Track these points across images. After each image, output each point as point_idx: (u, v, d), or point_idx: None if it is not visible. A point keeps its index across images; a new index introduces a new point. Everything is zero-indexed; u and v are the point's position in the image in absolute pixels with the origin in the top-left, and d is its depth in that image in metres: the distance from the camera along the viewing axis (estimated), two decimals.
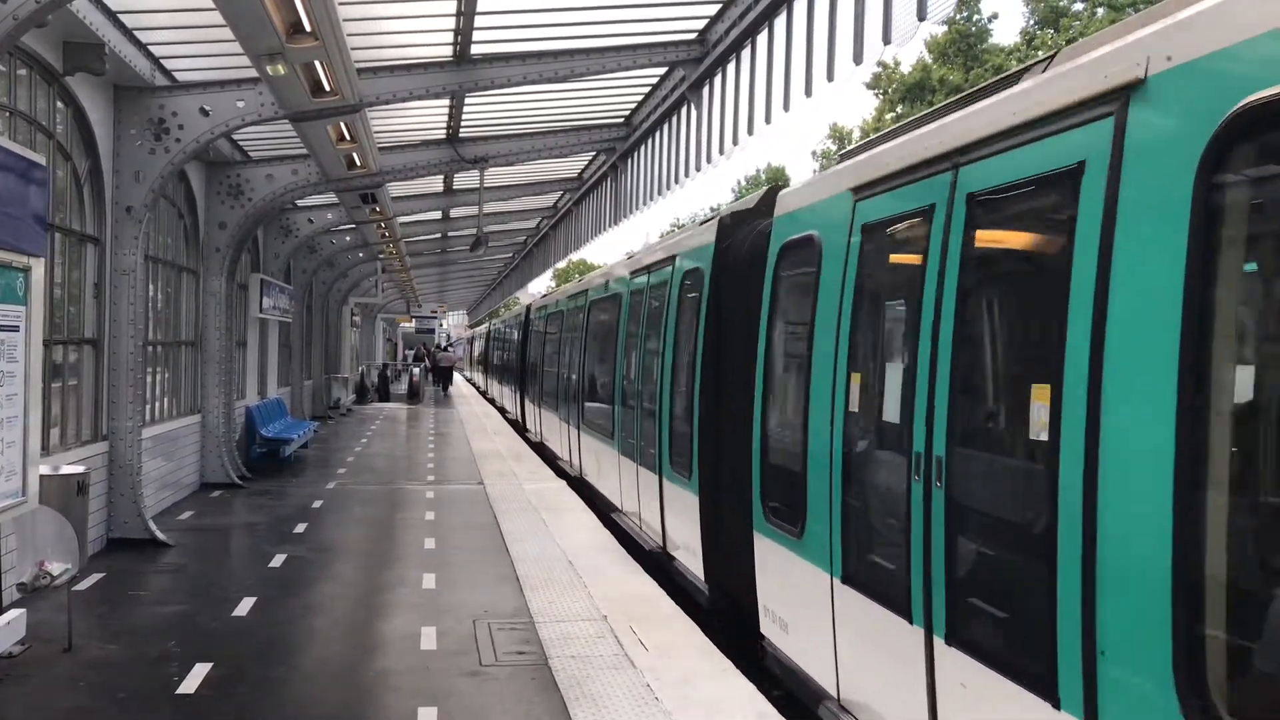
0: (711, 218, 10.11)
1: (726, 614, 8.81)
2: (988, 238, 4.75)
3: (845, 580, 5.88)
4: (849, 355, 5.94)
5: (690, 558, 9.66)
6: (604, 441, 13.94)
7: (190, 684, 6.97)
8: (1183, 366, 3.29)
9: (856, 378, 5.88)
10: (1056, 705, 3.82)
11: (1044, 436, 4.00)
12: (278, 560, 10.86)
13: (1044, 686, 3.89)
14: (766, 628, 7.37)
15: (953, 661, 4.56)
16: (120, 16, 10.63)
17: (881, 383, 5.72)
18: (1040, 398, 4.06)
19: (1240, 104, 3.13)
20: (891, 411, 5.42)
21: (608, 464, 13.68)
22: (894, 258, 5.84)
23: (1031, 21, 41.09)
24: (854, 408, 5.87)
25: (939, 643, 4.73)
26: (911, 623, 4.99)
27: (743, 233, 8.83)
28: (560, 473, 17.78)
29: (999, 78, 5.24)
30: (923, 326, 4.98)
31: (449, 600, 9.25)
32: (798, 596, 6.69)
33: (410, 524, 13.14)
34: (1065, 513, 3.80)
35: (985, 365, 4.84)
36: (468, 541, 11.95)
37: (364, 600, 9.40)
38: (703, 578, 9.28)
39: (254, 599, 9.19)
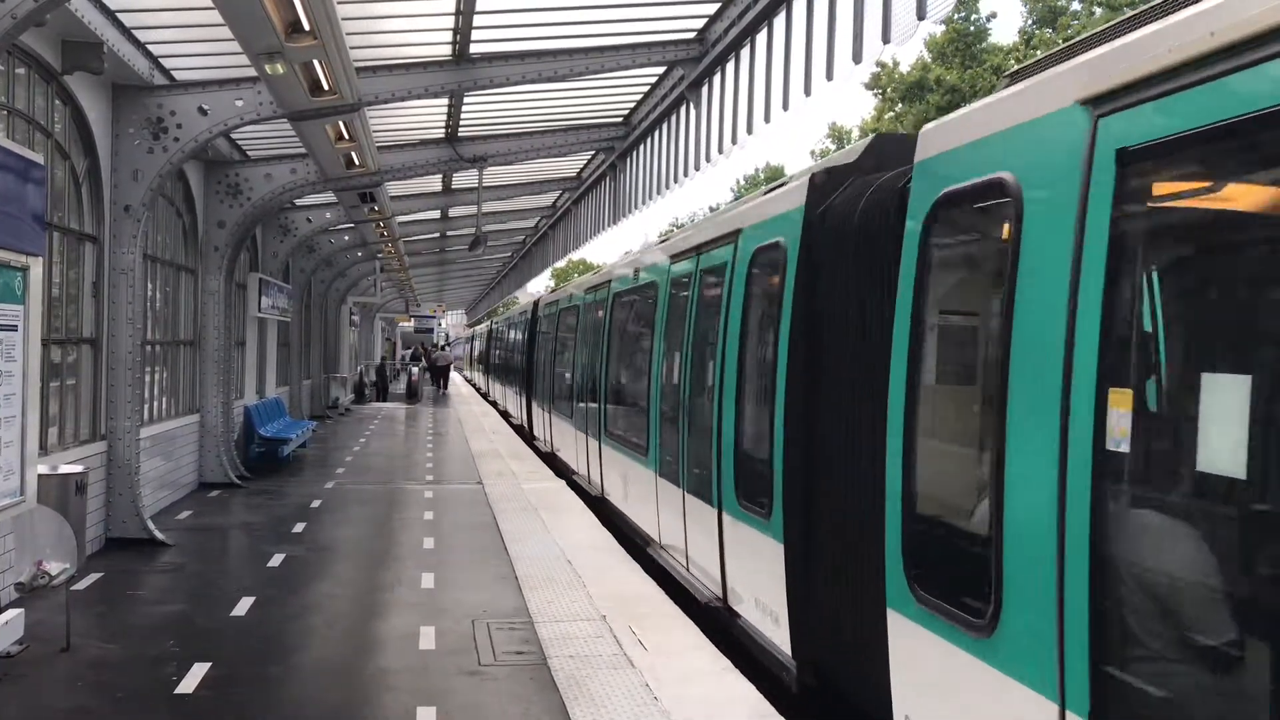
0: (787, 180, 8.05)
1: (821, 696, 6.86)
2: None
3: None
4: (1098, 359, 3.66)
5: (768, 621, 7.38)
6: (636, 459, 11.72)
7: (189, 684, 6.96)
8: None
9: (1118, 396, 3.60)
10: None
11: None
12: (276, 560, 10.85)
13: None
14: None
15: None
16: (119, 15, 10.62)
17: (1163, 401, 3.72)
18: None
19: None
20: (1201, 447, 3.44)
21: (641, 486, 11.42)
22: (1195, 202, 3.79)
23: (1030, 21, 41.10)
24: (1113, 443, 3.60)
25: None
26: None
27: (847, 193, 6.63)
28: (575, 487, 16.04)
29: None
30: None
31: (448, 600, 9.25)
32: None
33: (409, 524, 13.13)
34: None
35: None
36: (466, 541, 11.94)
37: (362, 600, 9.39)
38: (789, 651, 6.97)
39: (252, 599, 9.19)
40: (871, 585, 5.34)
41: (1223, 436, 3.26)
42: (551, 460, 19.82)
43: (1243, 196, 3.53)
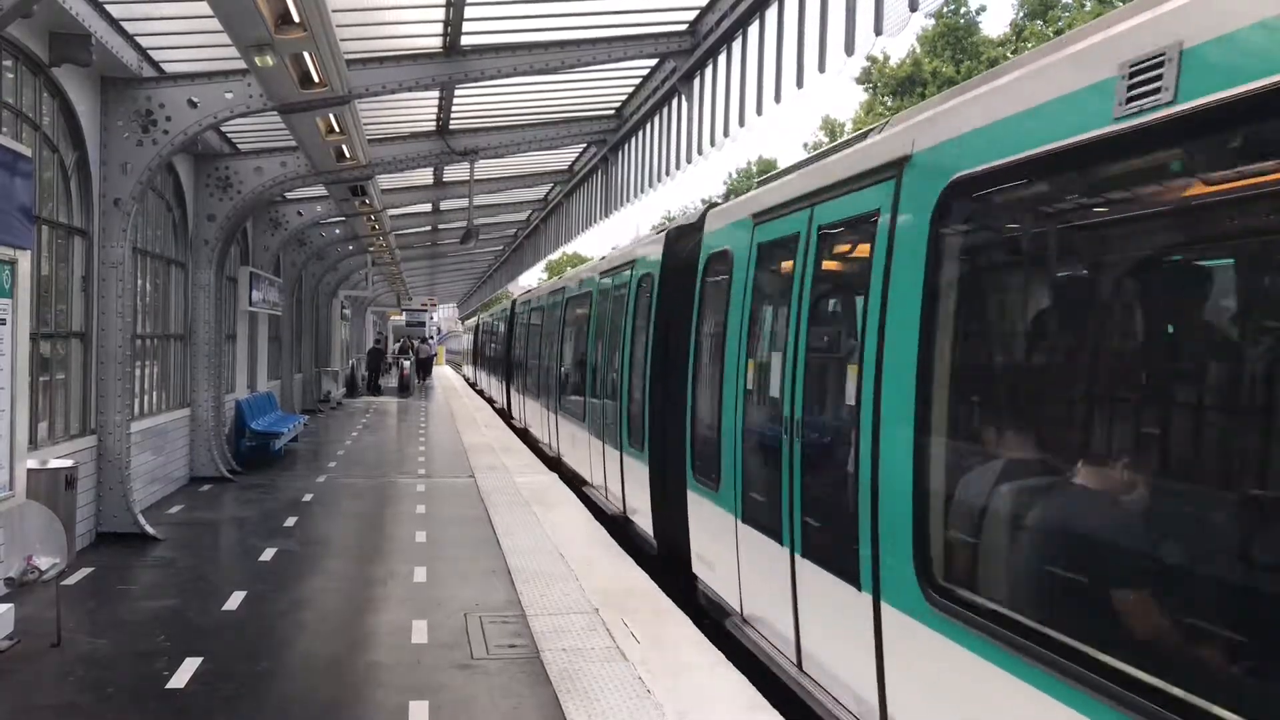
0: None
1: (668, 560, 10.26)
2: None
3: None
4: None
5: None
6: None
7: (180, 678, 6.94)
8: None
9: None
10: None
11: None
12: (268, 554, 10.82)
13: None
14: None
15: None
16: (107, 7, 10.56)
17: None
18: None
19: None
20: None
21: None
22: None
23: (1021, 14, 41.13)
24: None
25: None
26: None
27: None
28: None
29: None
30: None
31: (440, 593, 9.23)
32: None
33: (401, 517, 13.11)
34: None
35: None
36: (459, 534, 11.93)
37: (354, 594, 9.38)
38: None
39: (244, 593, 9.16)
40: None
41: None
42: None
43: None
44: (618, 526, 12.39)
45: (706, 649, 7.52)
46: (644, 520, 11.28)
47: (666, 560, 10.35)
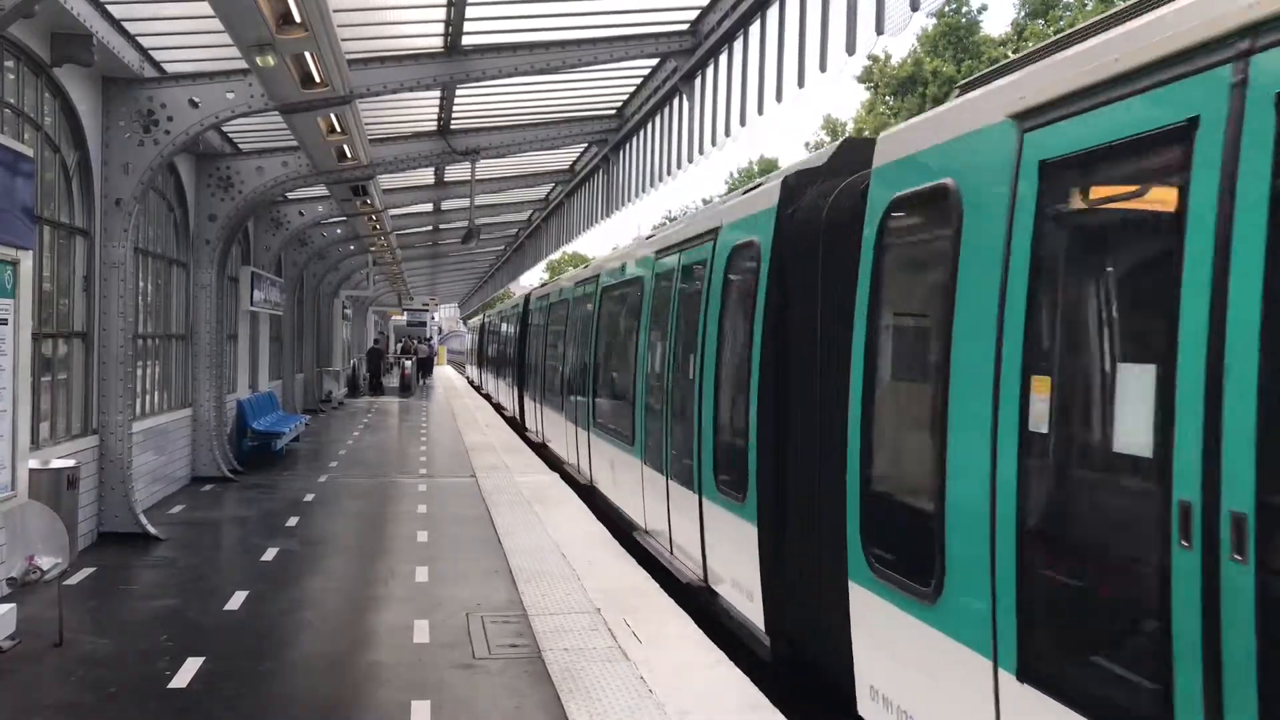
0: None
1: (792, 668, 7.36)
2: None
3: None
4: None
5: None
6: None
7: (182, 678, 6.95)
8: None
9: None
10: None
11: None
12: (269, 554, 10.83)
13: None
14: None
15: None
16: (108, 7, 10.56)
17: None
18: None
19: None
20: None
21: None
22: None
23: (1022, 13, 41.11)
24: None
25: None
26: None
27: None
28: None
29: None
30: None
31: (441, 593, 9.23)
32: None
33: (402, 517, 13.12)
34: None
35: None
36: (460, 534, 11.93)
37: (356, 593, 9.38)
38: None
39: (246, 593, 9.17)
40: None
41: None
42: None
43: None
44: (693, 594, 9.04)
45: (708, 648, 7.51)
46: (744, 600, 7.83)
47: (790, 664, 7.30)
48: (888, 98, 43.18)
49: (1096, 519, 4.06)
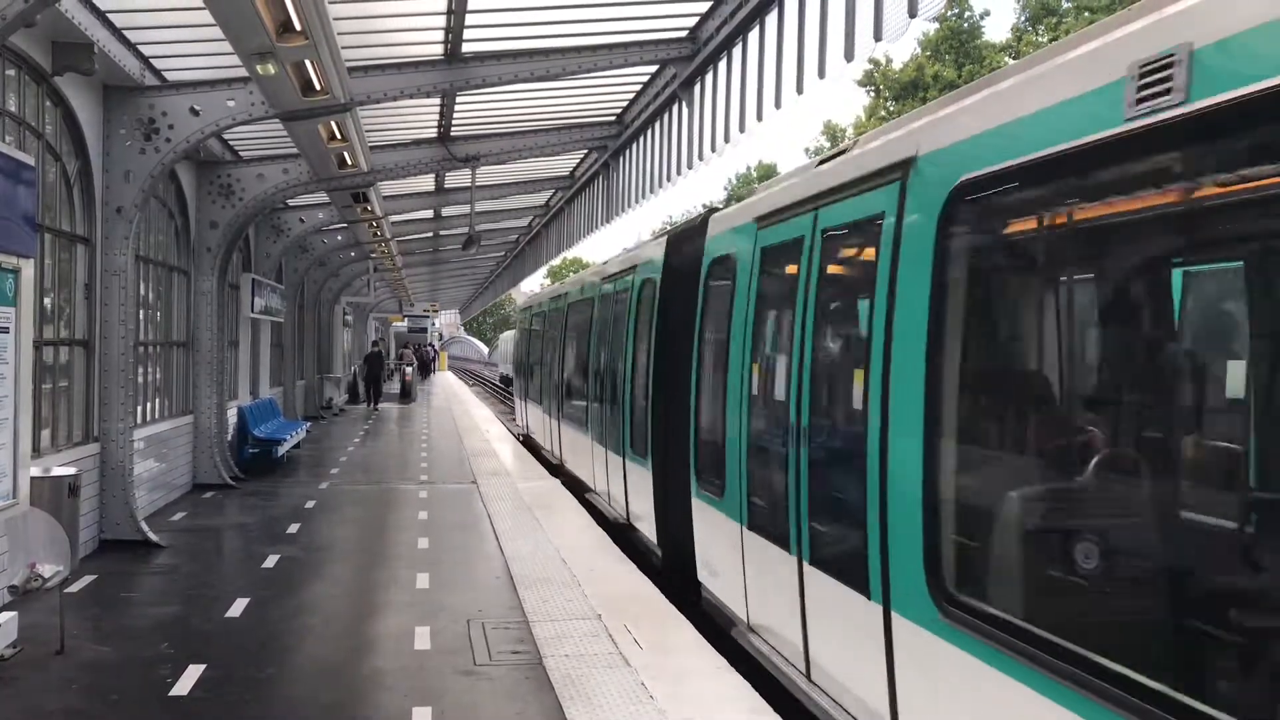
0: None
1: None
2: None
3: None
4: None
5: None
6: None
7: (183, 685, 6.95)
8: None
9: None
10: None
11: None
12: (271, 561, 10.83)
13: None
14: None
15: None
16: (109, 16, 10.59)
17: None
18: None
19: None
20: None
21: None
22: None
23: (1023, 18, 41.19)
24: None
25: None
26: None
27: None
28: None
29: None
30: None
31: (443, 600, 9.24)
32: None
33: (403, 524, 13.12)
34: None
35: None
36: (461, 541, 11.94)
37: (357, 600, 9.39)
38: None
39: (247, 600, 9.17)
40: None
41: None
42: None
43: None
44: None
45: (710, 655, 7.52)
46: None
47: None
48: (889, 102, 43.24)
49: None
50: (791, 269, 6.91)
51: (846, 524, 5.99)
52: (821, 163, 7.04)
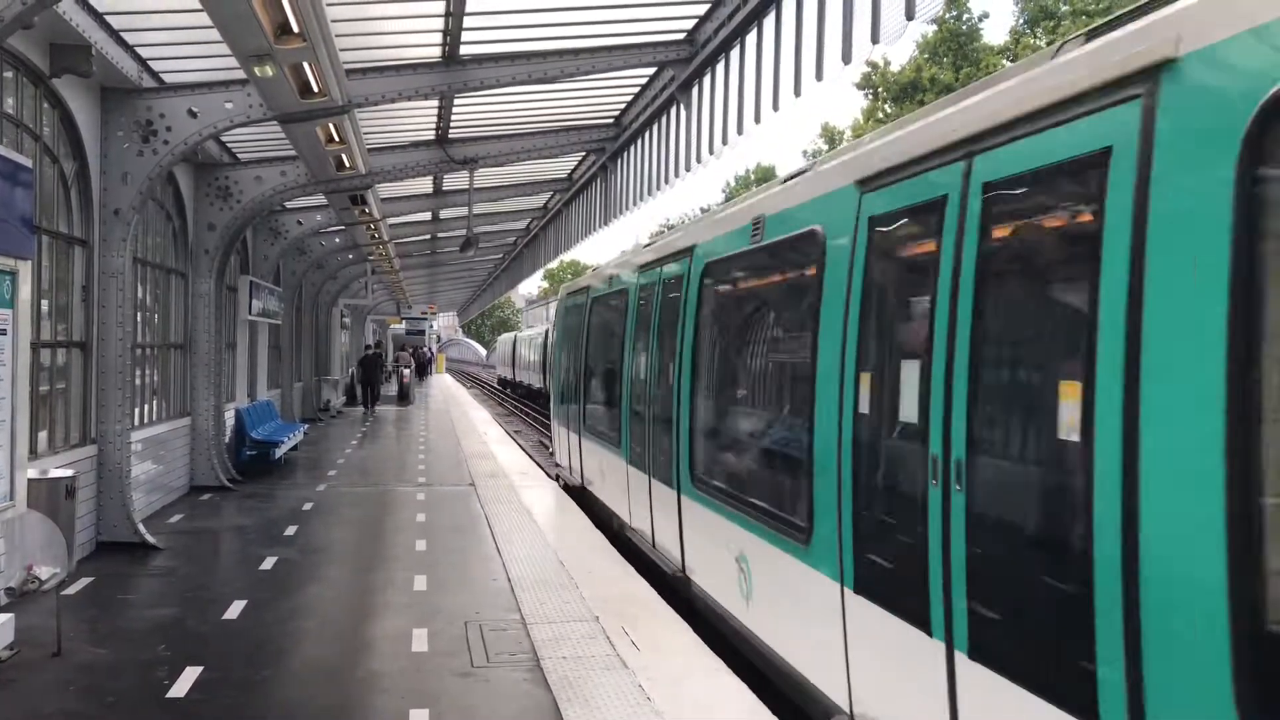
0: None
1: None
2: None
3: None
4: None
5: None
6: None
7: (180, 687, 6.95)
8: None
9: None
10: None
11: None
12: (268, 563, 10.83)
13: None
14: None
15: None
16: (107, 18, 10.59)
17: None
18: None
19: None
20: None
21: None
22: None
23: (1021, 21, 41.24)
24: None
25: None
26: None
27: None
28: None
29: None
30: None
31: (440, 602, 9.23)
32: None
33: (401, 526, 13.12)
34: None
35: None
36: (459, 543, 11.93)
37: (355, 602, 9.38)
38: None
39: (244, 601, 9.16)
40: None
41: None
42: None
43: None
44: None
45: (707, 657, 7.52)
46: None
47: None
48: (887, 105, 43.28)
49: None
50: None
51: None
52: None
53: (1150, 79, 3.48)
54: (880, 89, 44.08)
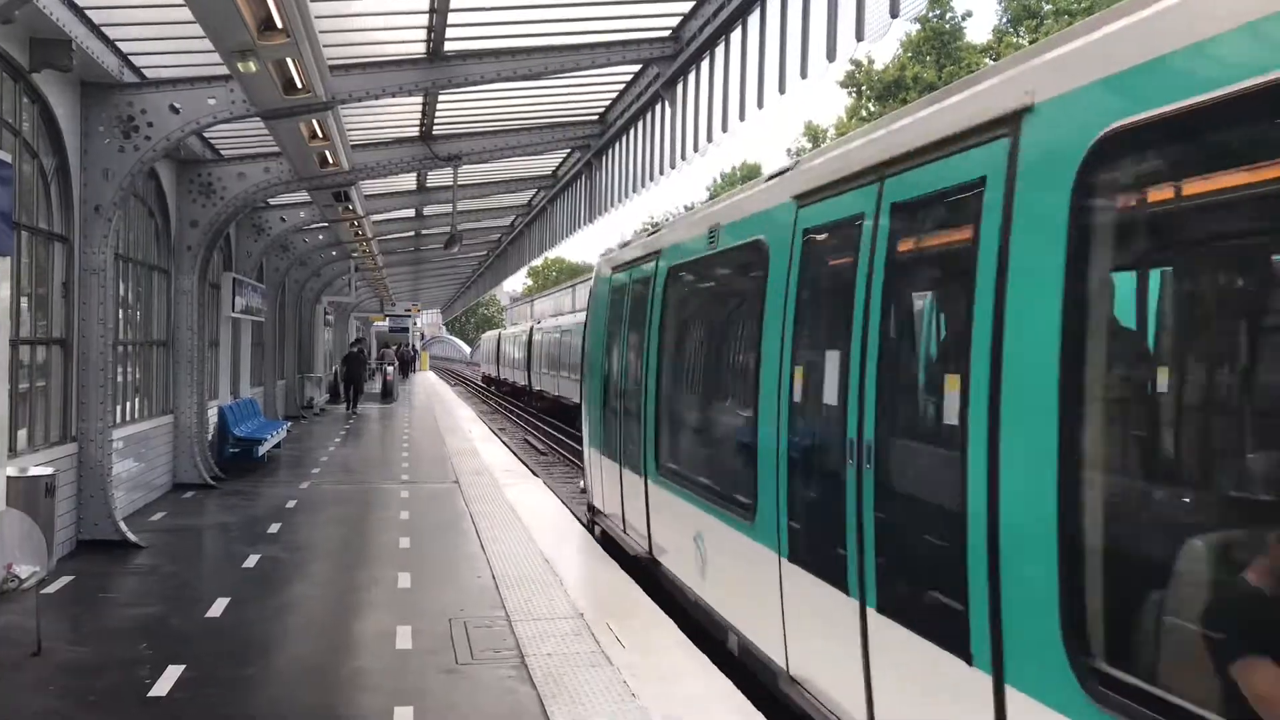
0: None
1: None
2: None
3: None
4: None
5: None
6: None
7: (162, 686, 6.90)
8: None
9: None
10: None
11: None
12: (251, 560, 10.77)
13: None
14: None
15: None
16: (88, 13, 10.50)
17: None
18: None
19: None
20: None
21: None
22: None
23: (1004, 19, 41.41)
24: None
25: None
26: None
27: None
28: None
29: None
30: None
31: (424, 599, 9.21)
32: None
33: (385, 523, 13.07)
34: None
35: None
36: (443, 540, 11.90)
37: (339, 600, 9.35)
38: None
39: (227, 600, 9.11)
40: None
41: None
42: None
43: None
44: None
45: (693, 654, 7.53)
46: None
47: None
48: (871, 103, 43.39)
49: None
50: None
51: None
52: None
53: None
54: (864, 87, 44.21)
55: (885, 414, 5.17)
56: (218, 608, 8.88)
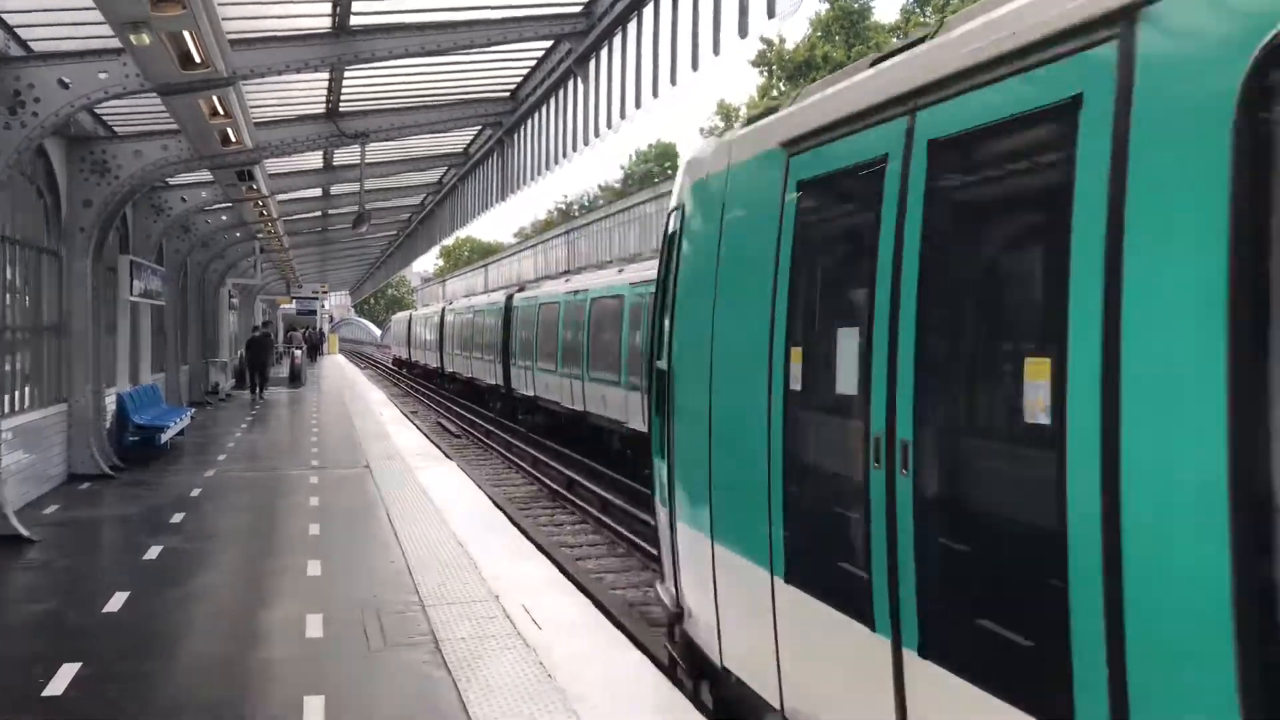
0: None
1: None
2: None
3: None
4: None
5: None
6: None
7: (58, 685, 6.61)
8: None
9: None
10: None
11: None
12: (153, 552, 10.42)
13: None
14: None
15: None
16: None
17: None
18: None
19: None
20: None
21: None
22: None
23: (911, 0, 42.05)
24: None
25: None
26: None
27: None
28: None
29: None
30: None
31: (335, 587, 9.02)
32: None
33: (294, 510, 12.79)
34: None
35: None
36: (354, 527, 11.69)
37: (246, 590, 9.11)
38: None
39: (127, 593, 8.78)
40: None
41: None
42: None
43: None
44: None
45: (609, 633, 7.52)
46: None
47: None
48: (781, 82, 43.73)
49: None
50: None
51: None
52: None
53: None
54: (775, 66, 44.51)
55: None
56: (116, 602, 8.56)
